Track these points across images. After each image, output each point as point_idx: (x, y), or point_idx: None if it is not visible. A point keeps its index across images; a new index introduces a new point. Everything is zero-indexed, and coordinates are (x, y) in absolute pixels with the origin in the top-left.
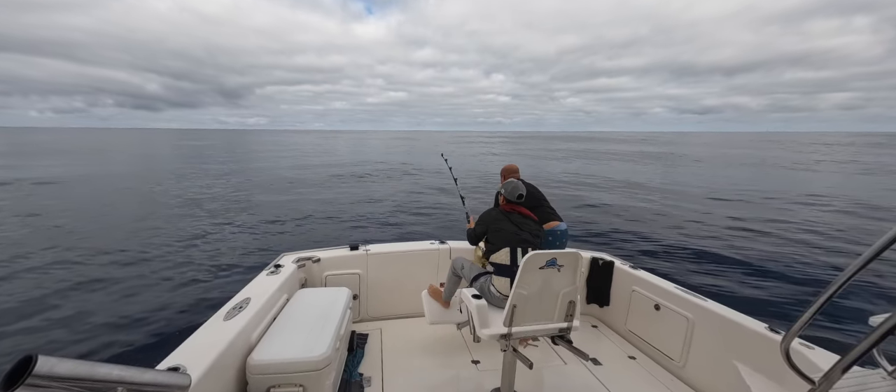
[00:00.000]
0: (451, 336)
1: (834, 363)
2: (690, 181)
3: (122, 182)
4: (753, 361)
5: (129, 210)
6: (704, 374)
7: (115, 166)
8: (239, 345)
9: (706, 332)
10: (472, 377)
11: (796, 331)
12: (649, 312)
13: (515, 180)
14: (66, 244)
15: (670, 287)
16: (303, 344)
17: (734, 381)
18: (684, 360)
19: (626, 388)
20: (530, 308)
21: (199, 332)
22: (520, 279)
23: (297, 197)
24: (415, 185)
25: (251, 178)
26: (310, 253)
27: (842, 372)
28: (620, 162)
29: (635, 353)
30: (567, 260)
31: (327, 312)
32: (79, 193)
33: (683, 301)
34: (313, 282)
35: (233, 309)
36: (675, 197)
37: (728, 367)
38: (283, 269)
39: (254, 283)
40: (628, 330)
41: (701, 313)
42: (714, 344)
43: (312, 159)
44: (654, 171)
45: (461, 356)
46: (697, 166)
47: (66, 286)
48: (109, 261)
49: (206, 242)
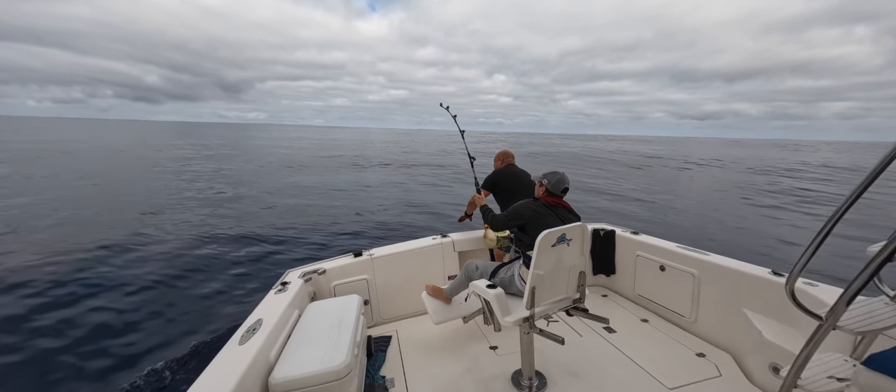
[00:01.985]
0: (466, 326)
1: (838, 297)
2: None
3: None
4: (761, 306)
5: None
6: (716, 325)
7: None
8: (259, 366)
9: (712, 285)
10: (492, 363)
11: (798, 271)
12: (656, 274)
13: (559, 173)
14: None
15: (673, 247)
16: (322, 356)
17: (745, 328)
18: (695, 316)
19: (644, 351)
20: (546, 286)
21: (216, 360)
22: (537, 261)
23: (289, 206)
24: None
25: (238, 190)
26: (315, 266)
27: (846, 304)
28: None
29: (647, 315)
30: (574, 233)
31: (341, 321)
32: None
33: (687, 259)
34: (322, 294)
35: (246, 332)
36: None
37: (738, 315)
38: (291, 286)
39: (263, 304)
40: (638, 294)
41: (705, 268)
42: (721, 295)
43: (306, 158)
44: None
45: (479, 344)
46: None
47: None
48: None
49: (197, 270)
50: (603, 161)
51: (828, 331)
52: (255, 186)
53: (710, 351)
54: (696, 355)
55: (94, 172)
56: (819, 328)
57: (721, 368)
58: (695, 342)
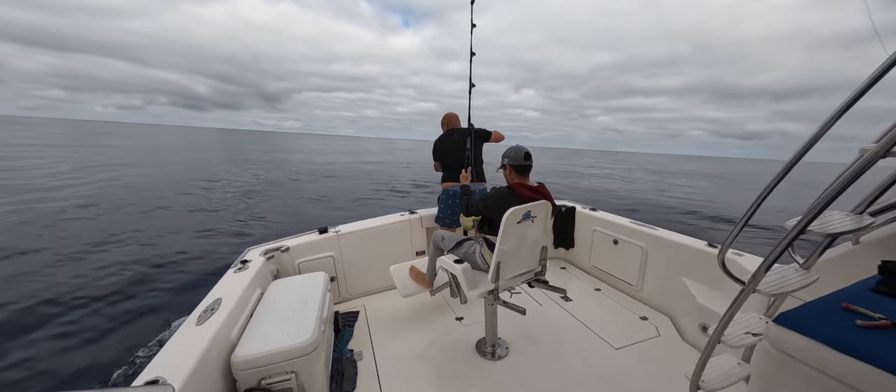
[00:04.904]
0: (433, 299)
1: (758, 265)
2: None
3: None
4: (697, 275)
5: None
6: (658, 292)
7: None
8: (219, 345)
9: (658, 256)
10: (458, 333)
11: (729, 243)
12: (609, 248)
13: (516, 145)
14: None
15: (626, 222)
16: (287, 332)
17: (682, 293)
18: (641, 284)
19: (595, 316)
20: (510, 261)
21: (172, 341)
22: (502, 237)
23: (257, 198)
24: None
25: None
26: (277, 243)
27: (765, 270)
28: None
29: (600, 285)
30: (539, 211)
31: (307, 298)
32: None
33: (638, 233)
34: (286, 272)
35: (204, 312)
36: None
37: (677, 282)
38: (252, 264)
39: (221, 283)
40: (593, 266)
41: (652, 241)
42: (664, 266)
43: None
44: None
45: (445, 316)
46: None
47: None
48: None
49: (152, 247)
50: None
51: (748, 294)
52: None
53: (652, 315)
54: (640, 319)
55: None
56: (741, 292)
57: (660, 329)
58: (640, 307)
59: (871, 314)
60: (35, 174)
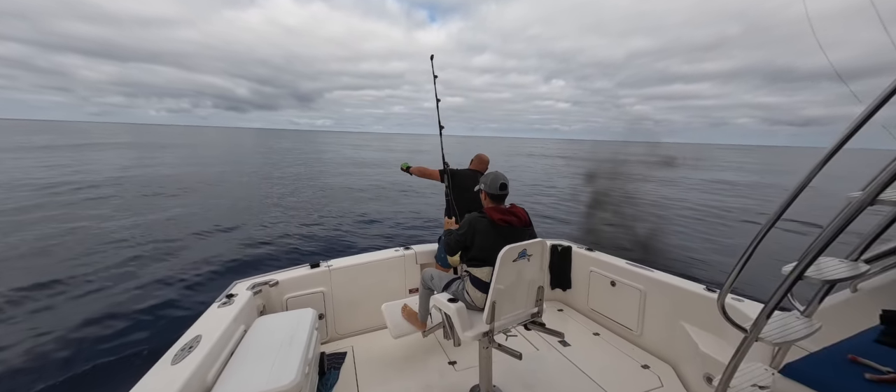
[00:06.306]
0: (425, 341)
1: (759, 311)
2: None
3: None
4: (697, 320)
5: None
6: (659, 338)
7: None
8: (193, 387)
9: (657, 300)
10: (451, 379)
11: (728, 287)
12: (607, 290)
13: (493, 172)
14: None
15: (623, 264)
16: (267, 375)
17: (683, 340)
18: (641, 329)
19: (595, 364)
20: (506, 301)
21: (142, 382)
22: (498, 276)
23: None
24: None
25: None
26: (266, 277)
27: (766, 317)
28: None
29: (599, 329)
30: (534, 249)
31: (292, 337)
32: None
33: (635, 275)
34: (273, 307)
35: (181, 350)
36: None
37: (678, 328)
38: (237, 299)
39: (203, 319)
40: (591, 308)
41: (650, 284)
42: (664, 310)
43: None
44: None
45: (437, 359)
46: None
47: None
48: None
49: (134, 277)
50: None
51: (751, 342)
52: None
53: (654, 363)
54: (642, 367)
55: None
56: (744, 340)
57: (663, 379)
58: (641, 354)
59: (880, 368)
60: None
